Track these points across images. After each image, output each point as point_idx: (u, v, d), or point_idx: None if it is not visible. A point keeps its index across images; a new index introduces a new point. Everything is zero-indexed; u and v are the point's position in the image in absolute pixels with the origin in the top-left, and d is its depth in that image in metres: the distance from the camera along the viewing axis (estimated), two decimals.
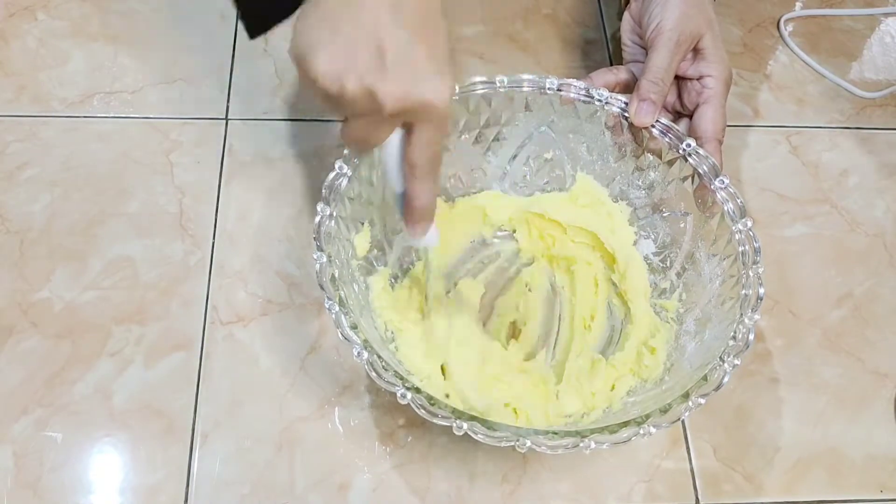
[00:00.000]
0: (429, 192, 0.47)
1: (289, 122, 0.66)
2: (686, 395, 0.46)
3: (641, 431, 0.44)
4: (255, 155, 0.64)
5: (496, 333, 0.57)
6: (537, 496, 0.52)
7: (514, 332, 0.57)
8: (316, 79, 0.42)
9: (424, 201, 0.47)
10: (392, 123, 0.45)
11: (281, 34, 0.70)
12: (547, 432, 0.44)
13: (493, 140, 0.59)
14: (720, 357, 0.47)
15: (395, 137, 0.46)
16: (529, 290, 0.59)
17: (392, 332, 0.53)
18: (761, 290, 0.50)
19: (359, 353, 0.45)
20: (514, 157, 0.60)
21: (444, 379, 0.53)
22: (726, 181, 0.54)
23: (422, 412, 0.44)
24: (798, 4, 0.80)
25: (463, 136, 0.58)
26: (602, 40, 0.74)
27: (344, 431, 0.53)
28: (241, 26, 0.70)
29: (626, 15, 0.62)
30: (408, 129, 0.45)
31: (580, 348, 0.56)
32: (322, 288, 0.47)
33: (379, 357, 0.45)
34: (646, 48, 0.59)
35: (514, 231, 0.61)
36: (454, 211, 0.60)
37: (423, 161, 0.45)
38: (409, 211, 0.48)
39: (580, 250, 0.60)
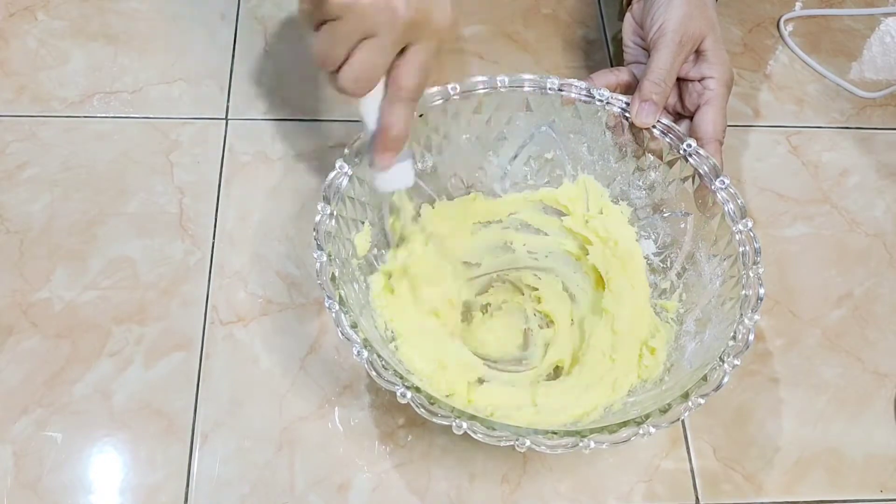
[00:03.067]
0: (407, 118, 0.47)
1: (289, 122, 0.66)
2: (686, 395, 0.46)
3: (641, 431, 0.44)
4: (255, 155, 0.64)
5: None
6: (537, 496, 0.52)
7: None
8: None
9: (401, 128, 0.47)
10: (396, 46, 0.44)
11: (280, 34, 0.70)
12: (547, 432, 0.44)
13: (493, 140, 0.59)
14: (720, 357, 0.47)
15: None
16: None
17: (392, 332, 0.53)
18: (761, 291, 0.50)
19: (358, 352, 0.45)
20: (515, 157, 0.60)
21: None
22: (727, 181, 0.54)
23: (422, 411, 0.44)
24: (798, 4, 0.80)
25: (464, 136, 0.58)
26: (602, 41, 0.74)
27: (344, 431, 0.53)
28: (240, 27, 0.70)
29: (627, 16, 0.62)
30: (402, 51, 0.45)
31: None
32: (322, 287, 0.47)
33: (379, 356, 0.45)
34: (647, 49, 0.59)
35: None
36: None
37: (411, 83, 0.45)
38: (382, 137, 0.47)
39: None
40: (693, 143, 0.55)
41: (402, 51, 0.45)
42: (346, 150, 0.52)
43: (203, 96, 0.67)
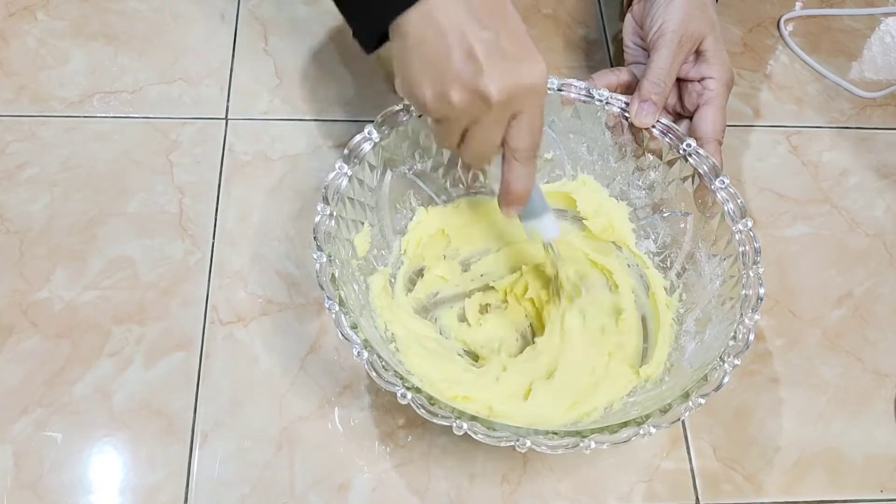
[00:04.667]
0: (526, 177, 0.49)
1: (289, 122, 0.66)
2: (686, 395, 0.46)
3: (641, 431, 0.44)
4: (255, 155, 0.64)
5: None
6: (537, 496, 0.52)
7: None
8: (425, 107, 0.45)
9: (520, 187, 0.49)
10: (503, 120, 0.46)
11: (280, 34, 0.70)
12: (547, 432, 0.44)
13: None
14: (720, 357, 0.47)
15: None
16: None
17: (392, 333, 0.53)
18: (761, 291, 0.50)
19: (359, 352, 0.45)
20: None
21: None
22: (726, 181, 0.54)
23: (422, 412, 0.44)
24: (798, 4, 0.80)
25: None
26: (602, 41, 0.74)
27: (344, 431, 0.53)
28: (240, 27, 0.70)
29: (628, 16, 0.62)
30: (509, 120, 0.46)
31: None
32: (322, 287, 0.47)
33: (379, 357, 0.45)
34: (647, 50, 0.59)
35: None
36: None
37: (525, 145, 0.47)
38: (506, 196, 0.50)
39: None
40: (693, 142, 0.55)
41: (513, 116, 0.46)
42: (345, 150, 0.52)
43: (203, 96, 0.67)
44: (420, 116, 0.54)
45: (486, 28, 0.43)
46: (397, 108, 0.54)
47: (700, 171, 0.54)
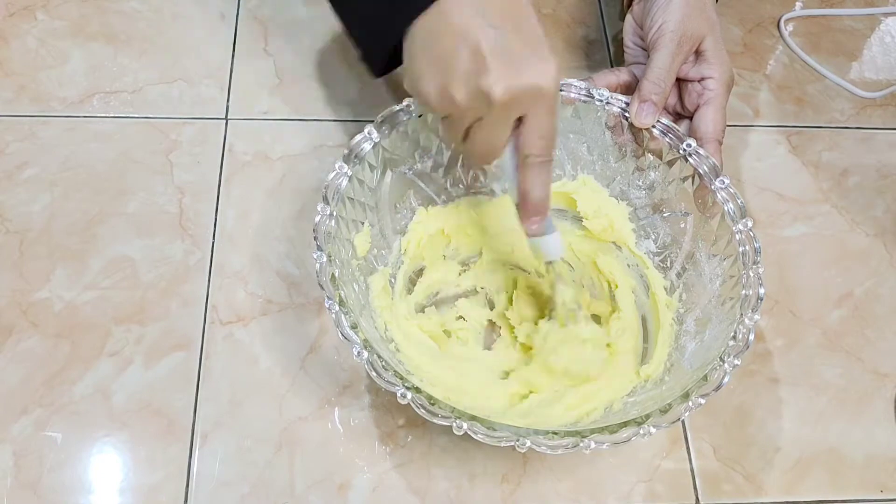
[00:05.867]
0: (543, 183, 0.48)
1: (289, 122, 0.66)
2: (686, 395, 0.46)
3: (641, 431, 0.44)
4: (255, 155, 0.64)
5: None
6: (537, 496, 0.52)
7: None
8: (429, 102, 0.45)
9: (540, 193, 0.48)
10: (507, 121, 0.45)
11: (280, 34, 0.70)
12: (547, 432, 0.44)
13: None
14: (720, 357, 0.47)
15: (509, 147, 0.47)
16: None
17: (392, 333, 0.53)
18: (761, 291, 0.50)
19: (359, 352, 0.45)
20: None
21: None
22: (726, 181, 0.54)
23: (422, 412, 0.44)
24: (798, 4, 0.80)
25: None
26: (603, 41, 0.74)
27: (344, 431, 0.53)
28: (240, 27, 0.70)
29: (628, 17, 0.62)
30: (519, 122, 0.46)
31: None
32: (322, 287, 0.47)
33: (379, 356, 0.45)
34: (647, 50, 0.59)
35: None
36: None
37: (536, 149, 0.46)
38: (524, 205, 0.49)
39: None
40: (693, 142, 0.55)
41: (522, 118, 0.46)
42: (345, 151, 0.52)
43: (203, 96, 0.67)
44: (420, 116, 0.54)
45: (495, 27, 0.43)
46: (397, 108, 0.54)
47: (700, 171, 0.54)
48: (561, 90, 0.56)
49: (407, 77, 0.47)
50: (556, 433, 0.44)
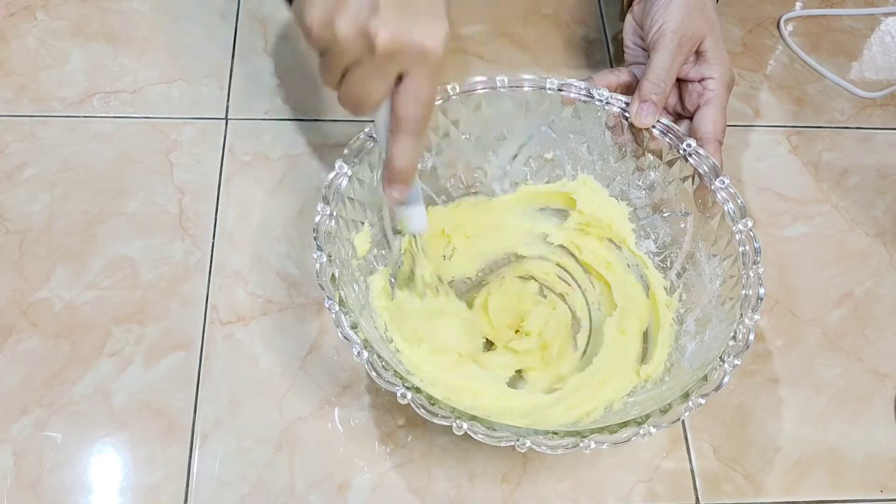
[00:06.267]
0: (409, 151, 0.46)
1: (289, 122, 0.66)
2: (686, 395, 0.46)
3: (641, 431, 0.44)
4: (255, 155, 0.64)
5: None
6: (537, 496, 0.52)
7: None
8: (311, 28, 0.42)
9: (403, 161, 0.46)
10: (386, 72, 0.43)
11: (280, 34, 0.70)
12: (547, 432, 0.44)
13: (493, 140, 0.59)
14: (720, 357, 0.47)
15: (387, 103, 0.45)
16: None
17: (392, 333, 0.53)
18: (761, 291, 0.50)
19: (359, 352, 0.45)
20: (515, 156, 0.60)
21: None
22: (726, 181, 0.54)
23: (422, 412, 0.44)
24: (798, 4, 0.80)
25: (463, 136, 0.58)
26: (603, 41, 0.74)
27: (344, 431, 0.53)
28: (240, 27, 0.70)
29: (628, 17, 0.62)
30: (398, 81, 0.44)
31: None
32: (322, 287, 0.47)
33: (379, 357, 0.45)
34: (647, 50, 0.59)
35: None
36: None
37: (408, 113, 0.44)
38: (387, 170, 0.47)
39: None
40: (693, 142, 0.55)
41: (401, 79, 0.44)
42: (345, 151, 0.52)
43: (203, 96, 0.67)
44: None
45: None
46: None
47: (700, 171, 0.54)
48: (561, 90, 0.56)
49: (296, 1, 0.44)
50: (556, 433, 0.44)
